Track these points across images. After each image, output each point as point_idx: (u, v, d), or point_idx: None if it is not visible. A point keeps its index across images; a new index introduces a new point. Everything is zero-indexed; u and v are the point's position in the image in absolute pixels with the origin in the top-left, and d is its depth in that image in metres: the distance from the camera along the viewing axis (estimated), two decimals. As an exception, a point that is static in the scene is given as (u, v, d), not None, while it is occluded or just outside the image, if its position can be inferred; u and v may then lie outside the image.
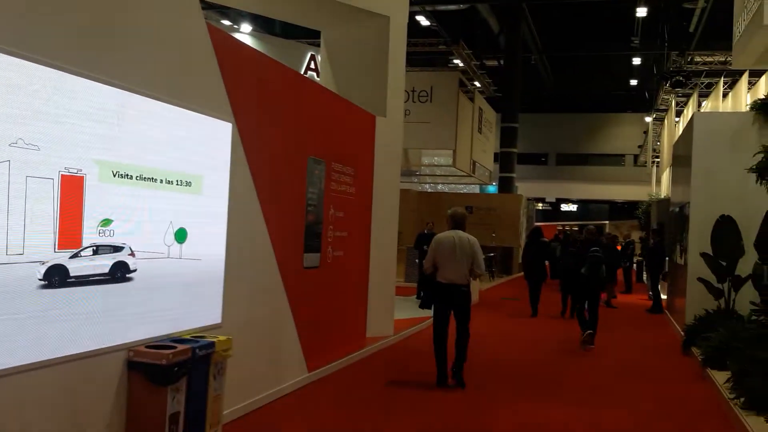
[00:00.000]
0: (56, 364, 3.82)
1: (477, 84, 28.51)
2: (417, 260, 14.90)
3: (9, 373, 3.51)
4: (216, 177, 5.32)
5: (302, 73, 14.70)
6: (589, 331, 9.72)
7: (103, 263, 4.21)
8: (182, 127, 4.86)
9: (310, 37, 15.17)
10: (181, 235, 4.92)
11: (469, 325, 7.10)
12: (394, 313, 9.85)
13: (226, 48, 5.52)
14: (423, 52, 26.14)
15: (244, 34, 15.19)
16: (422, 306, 7.63)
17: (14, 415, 3.57)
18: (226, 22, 14.88)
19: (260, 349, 6.07)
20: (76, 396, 3.99)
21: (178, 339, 4.68)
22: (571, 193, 44.42)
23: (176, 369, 4.34)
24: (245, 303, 5.82)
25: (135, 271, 4.46)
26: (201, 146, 5.10)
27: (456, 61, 27.36)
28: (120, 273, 4.34)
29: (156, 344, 4.47)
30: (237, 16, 15.33)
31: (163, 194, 4.70)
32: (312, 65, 15.79)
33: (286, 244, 6.66)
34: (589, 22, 27.83)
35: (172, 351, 4.34)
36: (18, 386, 3.58)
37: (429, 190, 28.32)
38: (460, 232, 7.05)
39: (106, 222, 4.21)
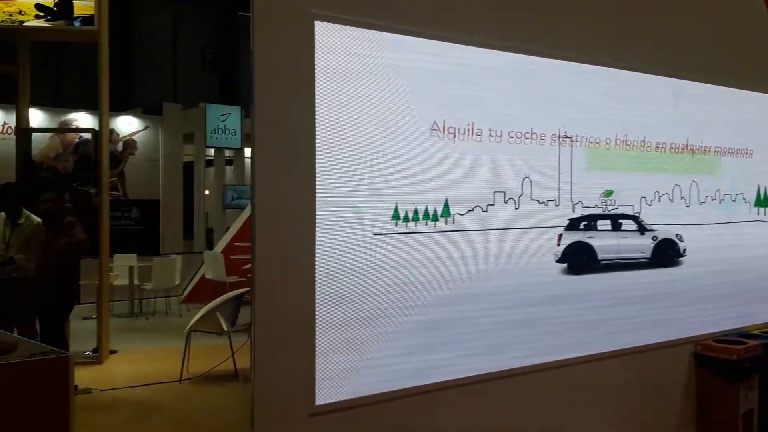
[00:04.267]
0: (625, 355, 3.97)
1: None
2: None
3: (589, 360, 3.81)
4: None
5: None
6: None
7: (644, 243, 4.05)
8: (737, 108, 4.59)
9: None
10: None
11: None
12: None
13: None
14: None
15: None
16: None
17: (594, 394, 3.86)
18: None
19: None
20: (646, 384, 4.11)
21: (745, 334, 4.43)
22: None
23: (747, 365, 4.12)
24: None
25: (684, 255, 4.22)
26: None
27: None
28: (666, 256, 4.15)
29: (723, 338, 4.31)
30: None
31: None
32: None
33: None
34: None
35: (742, 346, 4.13)
36: (595, 371, 3.85)
37: None
38: None
39: (608, 193, 3.92)
